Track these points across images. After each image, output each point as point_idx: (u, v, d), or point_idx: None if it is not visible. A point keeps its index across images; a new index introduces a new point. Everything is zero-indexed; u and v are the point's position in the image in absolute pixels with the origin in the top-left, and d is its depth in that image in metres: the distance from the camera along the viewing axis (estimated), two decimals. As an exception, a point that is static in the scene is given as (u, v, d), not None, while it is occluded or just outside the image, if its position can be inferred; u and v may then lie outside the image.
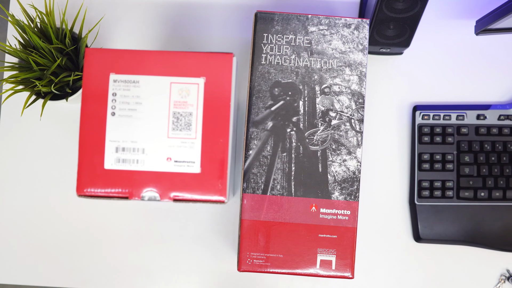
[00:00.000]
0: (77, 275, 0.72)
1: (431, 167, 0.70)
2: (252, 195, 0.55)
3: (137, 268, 0.72)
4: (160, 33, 0.75)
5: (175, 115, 0.53)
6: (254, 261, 0.55)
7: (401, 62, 0.74)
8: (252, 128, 0.56)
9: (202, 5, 0.76)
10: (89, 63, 0.53)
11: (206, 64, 0.53)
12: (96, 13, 0.76)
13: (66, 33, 0.64)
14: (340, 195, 0.55)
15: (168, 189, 0.52)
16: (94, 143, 0.53)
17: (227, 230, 0.72)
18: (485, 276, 0.71)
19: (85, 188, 0.53)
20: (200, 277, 0.71)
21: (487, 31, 0.65)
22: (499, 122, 0.71)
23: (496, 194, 0.69)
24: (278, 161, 0.56)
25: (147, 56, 0.53)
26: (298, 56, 0.57)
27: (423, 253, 0.72)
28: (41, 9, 0.76)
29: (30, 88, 0.65)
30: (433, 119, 0.71)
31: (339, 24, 0.57)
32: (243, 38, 0.75)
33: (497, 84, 0.74)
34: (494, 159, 0.70)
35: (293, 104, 0.56)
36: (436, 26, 0.75)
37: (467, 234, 0.70)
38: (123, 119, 0.53)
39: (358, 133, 0.56)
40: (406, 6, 0.63)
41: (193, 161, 0.53)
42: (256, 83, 0.57)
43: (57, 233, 0.72)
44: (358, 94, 0.57)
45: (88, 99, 0.53)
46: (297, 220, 0.55)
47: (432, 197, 0.70)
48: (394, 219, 0.72)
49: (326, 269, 0.55)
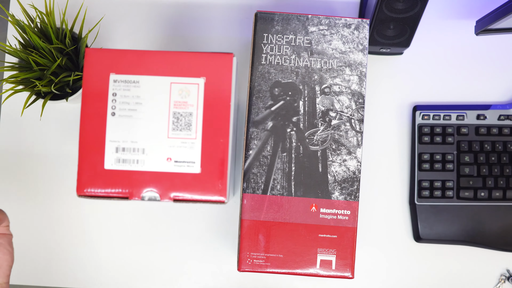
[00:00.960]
0: (77, 275, 0.72)
1: (431, 167, 0.70)
2: (252, 195, 0.55)
3: (137, 268, 0.72)
4: (160, 33, 0.75)
5: (175, 115, 0.53)
6: (254, 261, 0.55)
7: (401, 62, 0.74)
8: (252, 128, 0.56)
9: (202, 5, 0.76)
10: (89, 63, 0.53)
11: (206, 64, 0.53)
12: (96, 13, 0.76)
13: (66, 33, 0.64)
14: (340, 195, 0.55)
15: (168, 189, 0.52)
16: (94, 143, 0.53)
17: (227, 230, 0.72)
18: (485, 276, 0.71)
19: (85, 188, 0.53)
20: (200, 277, 0.71)
21: (487, 31, 0.65)
22: (499, 122, 0.71)
23: (496, 194, 0.69)
24: (278, 161, 0.56)
25: (147, 56, 0.53)
26: (298, 56, 0.57)
27: (423, 253, 0.72)
28: (41, 9, 0.76)
29: (30, 88, 0.65)
30: (433, 119, 0.71)
31: (339, 24, 0.57)
32: (243, 38, 0.75)
33: (497, 84, 0.74)
34: (494, 159, 0.70)
35: (293, 104, 0.56)
36: (436, 26, 0.75)
37: (467, 234, 0.70)
38: (123, 119, 0.53)
39: (358, 133, 0.56)
40: (406, 6, 0.63)
41: (193, 161, 0.53)
42: (256, 83, 0.57)
43: (57, 233, 0.72)
44: (358, 94, 0.57)
45: (88, 99, 0.53)
46: (297, 220, 0.55)
47: (432, 197, 0.70)
48: (394, 219, 0.72)
49: (326, 269, 0.55)
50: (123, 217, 0.72)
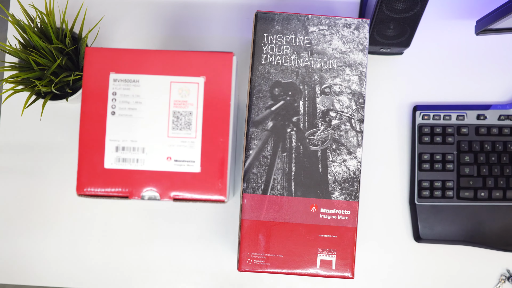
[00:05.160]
0: (77, 275, 0.72)
1: (431, 167, 0.70)
2: (252, 195, 0.55)
3: (137, 268, 0.72)
4: (160, 32, 0.75)
5: (175, 115, 0.53)
6: (254, 261, 0.55)
7: (401, 62, 0.74)
8: (252, 128, 0.56)
9: (202, 5, 0.76)
10: (89, 62, 0.53)
11: (206, 63, 0.53)
12: (96, 13, 0.76)
13: (66, 33, 0.64)
14: (340, 195, 0.55)
15: (168, 188, 0.52)
16: (94, 142, 0.53)
17: (227, 230, 0.72)
18: (485, 276, 0.71)
19: (85, 188, 0.53)
20: (200, 277, 0.71)
21: (487, 31, 0.65)
22: (499, 122, 0.71)
23: (496, 194, 0.69)
24: (278, 161, 0.56)
25: (147, 55, 0.53)
26: (298, 56, 0.57)
27: (423, 253, 0.72)
28: (41, 9, 0.76)
29: (30, 88, 0.65)
30: (433, 119, 0.71)
31: (339, 24, 0.57)
32: (243, 38, 0.75)
33: (497, 84, 0.74)
34: (494, 159, 0.70)
35: (293, 104, 0.56)
36: (436, 26, 0.75)
37: (467, 234, 0.70)
38: (123, 119, 0.53)
39: (358, 133, 0.56)
40: (406, 6, 0.63)
41: (193, 160, 0.53)
42: (256, 83, 0.57)
43: (57, 233, 0.72)
44: (358, 94, 0.57)
45: (88, 99, 0.53)
46: (297, 220, 0.55)
47: (432, 197, 0.70)
48: (394, 219, 0.72)
49: (326, 269, 0.55)
50: (123, 217, 0.72)
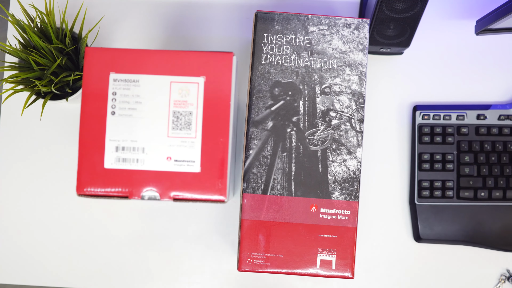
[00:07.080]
0: (77, 275, 0.72)
1: (431, 167, 0.70)
2: (252, 195, 0.55)
3: (137, 268, 0.72)
4: (160, 33, 0.75)
5: (175, 114, 0.53)
6: (254, 261, 0.55)
7: (401, 62, 0.75)
8: (252, 128, 0.56)
9: (202, 5, 0.76)
10: (89, 62, 0.53)
11: (206, 63, 0.53)
12: (96, 13, 0.76)
13: (66, 33, 0.64)
14: (340, 195, 0.55)
15: (168, 188, 0.52)
16: (94, 142, 0.53)
17: (227, 230, 0.72)
18: (485, 276, 0.71)
19: (85, 188, 0.53)
20: (200, 277, 0.71)
21: (487, 31, 0.65)
22: (499, 122, 0.71)
23: (496, 194, 0.69)
24: (278, 161, 0.56)
25: (147, 55, 0.53)
26: (298, 56, 0.57)
27: (423, 253, 0.72)
28: (41, 9, 0.76)
29: (30, 88, 0.65)
30: (433, 119, 0.71)
31: (339, 24, 0.57)
32: (243, 38, 0.75)
33: (497, 84, 0.74)
34: (494, 159, 0.70)
35: (293, 104, 0.56)
36: (436, 26, 0.75)
37: (467, 234, 0.70)
38: (123, 119, 0.53)
39: (358, 133, 0.56)
40: (406, 6, 0.63)
41: (193, 160, 0.53)
42: (256, 83, 0.57)
43: (57, 233, 0.72)
44: (358, 94, 0.57)
45: (88, 99, 0.53)
46: (297, 220, 0.55)
47: (432, 197, 0.70)
48: (394, 219, 0.72)
49: (326, 269, 0.55)
50: (123, 217, 0.72)
